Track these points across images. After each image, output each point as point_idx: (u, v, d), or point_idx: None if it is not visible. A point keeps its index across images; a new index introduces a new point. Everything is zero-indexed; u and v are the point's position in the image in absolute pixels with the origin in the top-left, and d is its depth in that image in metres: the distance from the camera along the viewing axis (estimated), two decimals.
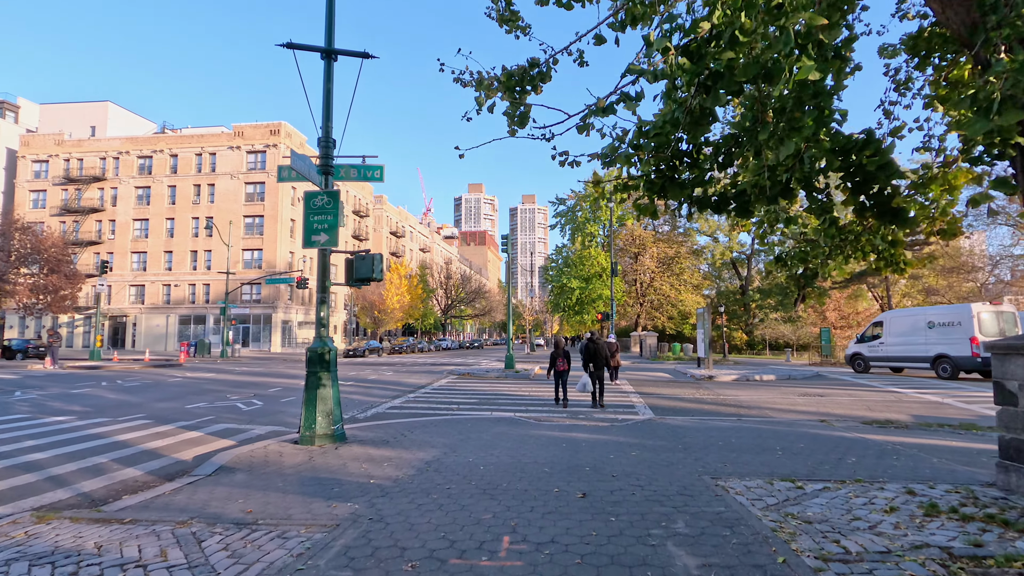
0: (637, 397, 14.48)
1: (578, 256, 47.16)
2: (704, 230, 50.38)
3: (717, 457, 6.90)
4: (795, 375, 19.66)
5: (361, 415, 11.53)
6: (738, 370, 22.51)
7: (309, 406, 7.99)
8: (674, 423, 9.77)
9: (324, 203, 8.63)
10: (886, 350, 20.16)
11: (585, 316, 47.24)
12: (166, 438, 8.98)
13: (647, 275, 49.18)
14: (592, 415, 11.30)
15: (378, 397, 14.52)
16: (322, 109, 8.65)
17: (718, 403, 13.46)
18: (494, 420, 10.08)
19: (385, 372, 23.76)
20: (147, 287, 51.63)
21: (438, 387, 17.01)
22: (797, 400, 13.79)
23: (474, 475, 6.07)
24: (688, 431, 8.87)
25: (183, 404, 12.99)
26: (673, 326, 50.28)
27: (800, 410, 12.24)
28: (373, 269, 8.61)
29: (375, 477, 6.08)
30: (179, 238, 51.12)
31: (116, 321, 52.13)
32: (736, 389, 16.54)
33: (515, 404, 13.04)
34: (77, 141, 53.56)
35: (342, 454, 7.30)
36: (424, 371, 24.16)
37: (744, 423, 9.84)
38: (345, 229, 65.32)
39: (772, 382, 18.63)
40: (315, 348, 8.15)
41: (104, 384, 17.78)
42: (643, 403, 13.29)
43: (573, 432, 8.82)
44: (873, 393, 15.19)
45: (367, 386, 17.39)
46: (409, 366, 28.68)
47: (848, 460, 6.73)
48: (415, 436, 8.50)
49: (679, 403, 13.46)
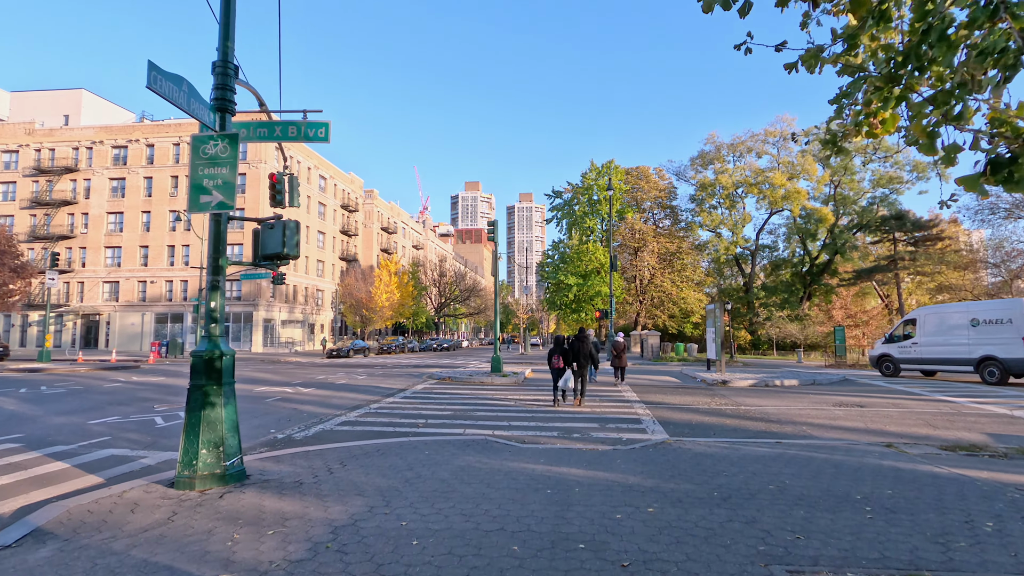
0: (643, 408, 12.16)
1: (575, 251, 44.86)
2: (708, 224, 48.12)
3: (778, 518, 4.58)
4: (819, 379, 17.39)
5: (300, 433, 9.20)
6: (752, 373, 20.25)
7: (189, 435, 5.65)
8: (697, 449, 7.45)
9: (218, 152, 6.23)
10: (920, 351, 17.88)
11: (583, 314, 44.94)
12: (11, 473, 6.63)
13: (647, 271, 46.92)
14: (589, 434, 8.99)
15: (334, 408, 12.17)
16: (220, 14, 6.27)
17: (741, 416, 11.16)
18: (462, 444, 7.76)
19: (359, 376, 21.41)
20: (121, 284, 49.08)
21: (411, 394, 14.68)
22: (836, 413, 11.49)
23: (398, 560, 3.74)
24: (719, 463, 6.55)
25: (89, 419, 10.62)
26: (675, 325, 48.03)
27: (846, 426, 9.94)
28: (284, 242, 6.29)
29: (238, 562, 3.74)
30: (155, 232, 48.58)
31: (89, 320, 49.58)
32: (757, 397, 14.24)
33: (496, 418, 10.72)
34: (49, 130, 50.94)
35: (222, 508, 4.97)
36: (404, 374, 21.82)
37: (787, 448, 7.54)
38: (333, 224, 62.95)
39: (795, 388, 16.34)
40: (200, 353, 5.82)
41: (23, 391, 15.39)
42: (651, 416, 10.98)
43: (563, 465, 6.49)
44: (922, 403, 12.91)
45: (329, 394, 15.04)
46: (390, 368, 26.34)
47: (982, 526, 4.41)
48: (346, 473, 6.17)
49: (695, 416, 11.15)
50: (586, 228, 46.46)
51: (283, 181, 13.85)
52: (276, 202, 14.02)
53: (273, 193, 13.80)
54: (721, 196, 47.20)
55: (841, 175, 49.17)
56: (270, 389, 16.01)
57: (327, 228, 61.44)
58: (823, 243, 51.08)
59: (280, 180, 13.89)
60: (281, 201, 13.98)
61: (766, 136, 49.16)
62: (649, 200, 49.64)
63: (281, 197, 13.89)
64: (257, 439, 8.79)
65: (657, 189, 49.53)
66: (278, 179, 13.97)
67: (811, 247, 53.01)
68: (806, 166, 45.98)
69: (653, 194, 49.35)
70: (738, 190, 48.14)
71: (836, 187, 49.91)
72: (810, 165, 45.96)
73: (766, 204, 48.24)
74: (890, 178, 48.44)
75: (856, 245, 49.42)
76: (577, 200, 47.72)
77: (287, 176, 14.00)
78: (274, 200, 13.91)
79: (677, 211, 50.91)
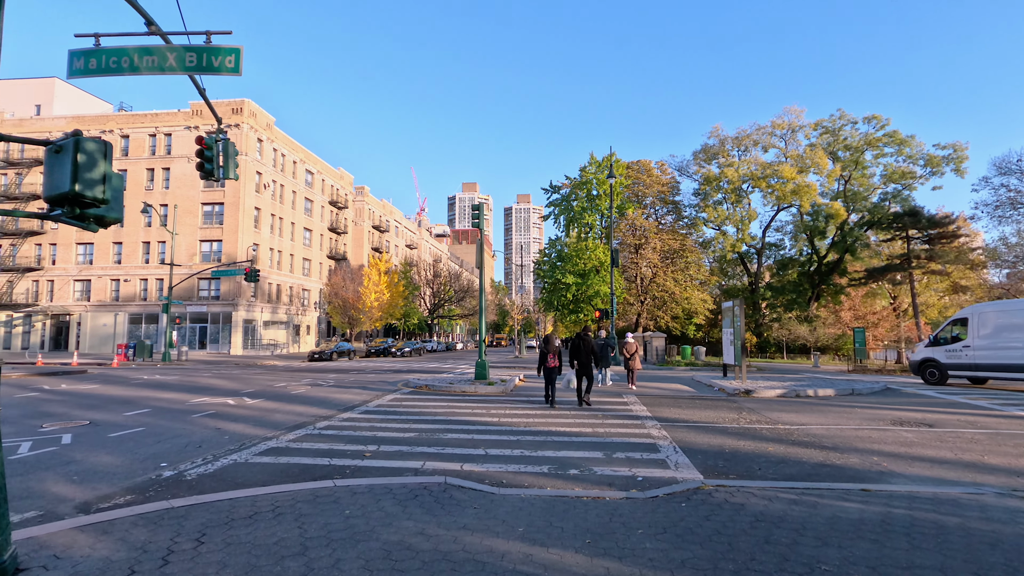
0: (657, 427, 9.69)
1: (573, 249, 42.35)
2: (713, 220, 45.68)
3: None
4: (858, 388, 14.94)
5: (196, 470, 6.71)
6: (774, 380, 17.81)
7: None
8: (753, 506, 4.99)
9: None
10: (974, 355, 15.43)
11: (581, 315, 42.43)
12: None
13: (649, 270, 44.48)
14: (591, 469, 6.53)
15: (270, 428, 9.68)
16: None
17: (784, 439, 8.70)
18: (408, 495, 5.29)
19: (326, 383, 18.91)
20: (93, 282, 46.40)
21: (374, 408, 12.19)
22: (905, 436, 9.03)
23: None
24: (802, 539, 4.09)
25: None
26: (677, 326, 45.57)
27: (929, 456, 7.49)
28: (76, 176, 3.73)
29: None
30: (130, 228, 45.92)
31: (59, 320, 46.86)
32: (793, 412, 11.78)
33: (470, 443, 8.24)
34: (18, 120, 48.28)
35: None
36: (378, 382, 19.33)
37: (889, 504, 5.07)
38: (320, 221, 60.41)
39: (833, 399, 13.89)
40: None
41: None
42: (669, 441, 8.52)
43: (554, 543, 4.01)
44: (1007, 421, 10.47)
45: (275, 407, 12.53)
46: (368, 373, 23.84)
47: None
48: (191, 566, 3.68)
49: (726, 441, 8.69)
50: (585, 224, 43.98)
51: (215, 146, 11.30)
52: (206, 173, 11.43)
53: (201, 160, 11.23)
54: (727, 190, 44.80)
55: (852, 169, 46.87)
56: (208, 401, 13.49)
57: (314, 225, 58.87)
58: (832, 241, 48.76)
59: (211, 145, 11.33)
60: (211, 172, 11.37)
61: (773, 128, 46.83)
62: (651, 195, 47.19)
63: (211, 167, 11.29)
64: (132, 479, 6.32)
65: (659, 184, 47.08)
66: (207, 143, 11.40)
67: (819, 245, 50.69)
68: (816, 159, 43.63)
69: (655, 189, 46.90)
70: (744, 184, 45.79)
71: (847, 182, 47.62)
72: (820, 158, 43.61)
73: (773, 199, 45.88)
74: (903, 173, 46.13)
75: (868, 243, 47.10)
76: (575, 195, 45.20)
77: (220, 141, 11.41)
78: (202, 170, 11.33)
79: (680, 207, 48.46)
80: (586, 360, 11.90)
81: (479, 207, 16.23)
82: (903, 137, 44.92)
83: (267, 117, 49.26)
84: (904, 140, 45.01)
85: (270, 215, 49.90)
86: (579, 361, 11.93)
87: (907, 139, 44.91)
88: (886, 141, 45.46)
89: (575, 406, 12.12)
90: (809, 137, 47.39)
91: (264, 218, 48.82)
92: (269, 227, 49.75)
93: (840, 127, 46.79)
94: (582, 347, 11.88)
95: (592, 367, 12.08)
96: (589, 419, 10.51)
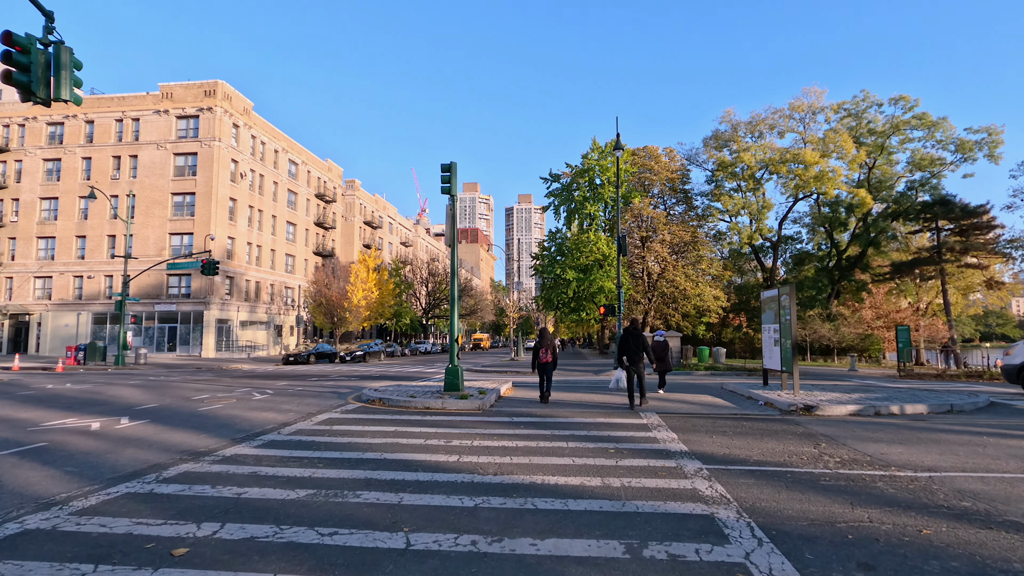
0: (704, 475, 6.06)
1: (574, 242, 38.77)
2: (728, 209, 42.03)
3: None
4: (957, 404, 11.30)
5: None
6: (829, 391, 14.19)
7: None
8: None
9: None
10: None
11: (583, 314, 38.83)
12: None
13: (658, 264, 40.86)
14: None
15: (79, 482, 6.11)
16: None
17: (926, 505, 5.08)
18: None
19: (262, 393, 15.35)
20: (55, 279, 42.96)
21: (286, 435, 8.61)
22: None
23: None
24: None
25: None
26: (688, 325, 41.96)
27: None
28: None
29: None
30: (94, 220, 42.51)
31: (18, 320, 43.42)
32: (898, 444, 8.13)
33: (384, 521, 4.62)
34: None
35: None
36: (328, 391, 15.78)
37: None
38: (306, 214, 56.91)
39: (935, 420, 10.22)
40: None
41: None
42: (736, 509, 4.90)
43: None
44: None
45: (143, 435, 8.95)
46: (324, 380, 20.31)
47: None
48: None
49: (831, 508, 5.06)
50: (587, 215, 40.39)
51: (33, 49, 7.70)
52: (16, 84, 7.82)
53: (9, 65, 7.63)
54: (743, 176, 41.18)
55: (876, 155, 43.22)
56: (67, 424, 9.93)
57: (298, 219, 55.39)
58: (852, 233, 45.09)
59: (27, 47, 7.71)
60: (26, 84, 7.78)
61: (791, 111, 43.20)
62: (659, 183, 43.60)
63: (26, 77, 7.69)
64: None
65: (668, 171, 43.48)
66: (21, 44, 7.80)
67: (839, 238, 47.04)
68: (841, 143, 39.97)
69: (664, 176, 43.29)
70: (760, 172, 42.18)
71: (870, 170, 43.97)
72: (845, 141, 39.94)
73: (792, 187, 42.23)
74: (931, 160, 42.45)
75: (895, 235, 43.42)
76: (576, 184, 41.60)
77: (50, 44, 7.79)
78: (8, 79, 7.71)
79: (691, 196, 44.88)
80: (638, 358, 10.63)
81: (449, 166, 12.66)
82: (933, 119, 41.26)
83: (244, 101, 45.80)
84: (935, 123, 41.34)
85: (247, 207, 46.42)
86: (629, 359, 10.69)
87: (938, 121, 41.24)
88: (915, 124, 41.81)
89: (574, 422, 8.54)
90: (830, 121, 43.78)
91: (241, 210, 45.33)
92: (247, 220, 46.27)
93: (864, 109, 43.16)
94: (631, 343, 10.63)
95: (644, 366, 10.81)
96: (596, 458, 6.90)
